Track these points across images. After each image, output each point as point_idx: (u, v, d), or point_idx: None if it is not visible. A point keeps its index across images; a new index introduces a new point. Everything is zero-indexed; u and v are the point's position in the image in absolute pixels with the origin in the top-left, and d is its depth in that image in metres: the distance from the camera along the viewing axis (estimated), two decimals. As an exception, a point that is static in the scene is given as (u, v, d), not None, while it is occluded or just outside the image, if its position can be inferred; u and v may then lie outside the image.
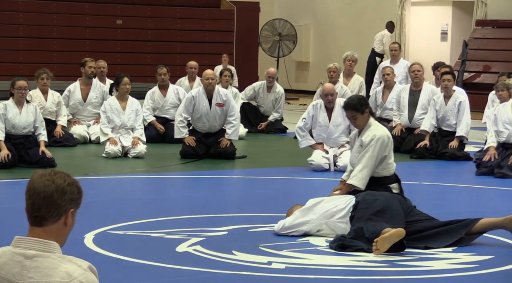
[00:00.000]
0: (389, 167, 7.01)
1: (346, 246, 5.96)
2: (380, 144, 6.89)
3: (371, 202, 6.26)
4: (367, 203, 6.26)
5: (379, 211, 6.16)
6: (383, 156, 6.94)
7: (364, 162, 6.89)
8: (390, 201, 6.27)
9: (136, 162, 10.42)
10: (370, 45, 20.39)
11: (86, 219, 6.36)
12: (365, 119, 6.97)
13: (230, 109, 10.76)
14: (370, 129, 6.97)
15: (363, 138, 6.94)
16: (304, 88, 21.90)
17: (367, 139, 6.90)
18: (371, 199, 6.32)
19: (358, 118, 6.96)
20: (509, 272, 5.59)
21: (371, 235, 5.93)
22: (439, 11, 20.85)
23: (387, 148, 6.95)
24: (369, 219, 6.12)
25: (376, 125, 7.03)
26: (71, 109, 12.31)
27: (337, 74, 12.70)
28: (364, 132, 6.97)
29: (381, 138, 6.90)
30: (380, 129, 7.01)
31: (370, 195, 6.44)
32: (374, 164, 6.90)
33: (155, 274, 5.39)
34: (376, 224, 6.03)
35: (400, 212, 6.21)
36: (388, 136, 6.99)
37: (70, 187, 2.68)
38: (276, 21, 21.35)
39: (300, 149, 10.24)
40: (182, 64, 15.22)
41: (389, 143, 6.98)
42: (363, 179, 6.86)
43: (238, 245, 6.03)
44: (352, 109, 6.98)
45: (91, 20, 19.79)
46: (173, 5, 20.78)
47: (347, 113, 7.10)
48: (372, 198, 6.31)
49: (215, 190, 8.80)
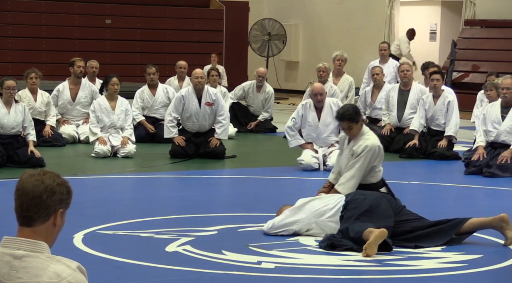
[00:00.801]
0: (377, 175, 6.98)
1: (336, 245, 5.96)
2: (371, 155, 6.84)
3: (360, 202, 6.27)
4: (356, 202, 6.27)
5: (366, 211, 6.17)
6: (372, 166, 6.92)
7: (353, 172, 6.84)
8: (379, 201, 6.28)
9: (126, 162, 10.40)
10: (360, 44, 20.43)
11: (75, 219, 6.35)
12: (359, 128, 6.94)
13: (220, 109, 10.76)
14: (362, 138, 6.90)
15: (355, 148, 6.87)
16: (293, 87, 21.91)
17: (359, 149, 6.84)
18: (360, 198, 6.32)
19: (354, 128, 6.90)
20: (497, 271, 5.61)
21: (356, 235, 5.94)
22: (428, 11, 20.91)
23: (377, 158, 6.90)
24: (357, 219, 6.13)
25: (369, 133, 6.98)
26: (60, 108, 12.28)
27: (327, 74, 12.71)
28: (356, 141, 6.92)
29: (372, 149, 6.84)
30: (372, 139, 6.94)
31: (359, 194, 6.44)
32: (363, 174, 6.87)
33: (145, 274, 5.38)
34: (360, 224, 6.05)
35: (389, 212, 6.22)
36: (379, 147, 6.93)
37: (59, 187, 2.67)
38: (266, 20, 21.36)
39: (289, 149, 10.25)
40: (172, 64, 15.21)
41: (380, 153, 6.92)
42: (351, 188, 6.83)
43: (227, 244, 6.03)
44: (348, 120, 6.88)
45: (80, 20, 19.74)
46: (163, 5, 20.75)
47: (342, 123, 6.97)
48: (361, 198, 6.32)
49: (204, 189, 8.79)
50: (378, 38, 18.55)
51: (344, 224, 6.13)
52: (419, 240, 6.13)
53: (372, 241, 5.79)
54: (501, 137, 9.70)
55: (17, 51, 18.87)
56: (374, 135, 7.07)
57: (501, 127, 9.70)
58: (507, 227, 6.17)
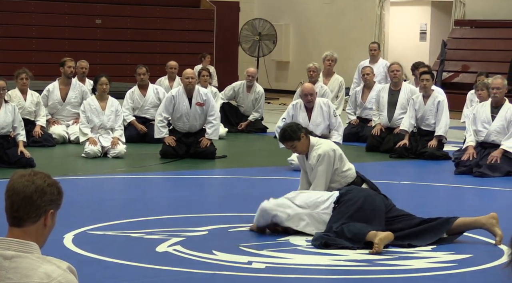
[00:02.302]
0: (348, 174, 6.91)
1: (330, 244, 5.97)
2: (327, 160, 6.78)
3: (354, 197, 6.26)
4: (350, 198, 6.26)
5: (361, 208, 6.17)
6: (334, 169, 6.86)
7: (316, 182, 6.82)
8: (373, 198, 6.28)
9: (116, 162, 10.39)
10: (350, 44, 20.45)
11: (66, 219, 6.33)
12: (305, 143, 6.81)
13: (210, 109, 10.76)
14: (314, 150, 6.82)
15: (310, 161, 6.81)
16: (284, 87, 21.92)
17: (313, 161, 6.78)
18: (355, 193, 6.31)
19: (297, 145, 6.80)
20: (487, 270, 5.63)
21: (354, 236, 5.95)
22: (418, 11, 20.95)
23: (335, 161, 6.83)
24: (350, 217, 6.13)
25: (318, 142, 6.87)
26: (50, 109, 12.25)
27: (317, 74, 12.73)
28: (310, 155, 6.84)
29: (325, 154, 6.78)
30: (323, 145, 6.87)
31: (354, 190, 6.42)
32: (326, 181, 6.81)
33: (135, 274, 5.38)
34: (357, 225, 6.04)
35: (382, 210, 6.23)
36: (332, 149, 6.85)
37: (50, 188, 2.67)
38: (256, 20, 21.36)
39: (280, 149, 10.25)
40: (162, 64, 15.20)
41: (336, 155, 6.84)
42: None
43: (218, 245, 6.03)
44: (289, 140, 6.79)
45: (70, 20, 19.70)
46: (153, 5, 20.72)
47: (285, 145, 6.88)
48: (355, 194, 6.30)
49: (195, 190, 8.79)
50: (369, 38, 18.58)
51: (338, 222, 6.12)
52: (411, 238, 6.15)
53: (382, 238, 5.85)
54: (491, 137, 9.73)
55: (7, 51, 18.81)
56: (325, 142, 6.98)
57: (491, 127, 9.73)
58: (497, 225, 6.20)
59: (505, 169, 9.54)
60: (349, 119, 12.73)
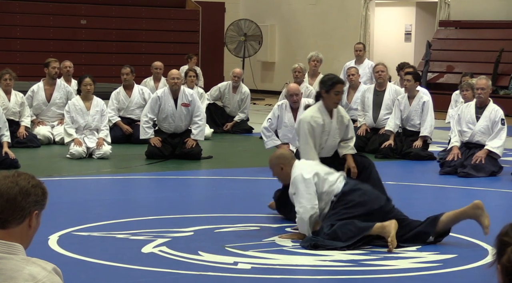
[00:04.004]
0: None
1: (319, 245, 5.97)
2: (301, 126, 7.17)
3: (354, 202, 6.19)
4: (351, 200, 6.20)
5: (358, 216, 6.14)
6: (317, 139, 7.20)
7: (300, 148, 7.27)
8: (374, 203, 6.22)
9: (101, 163, 10.36)
10: (335, 45, 20.49)
11: (50, 220, 6.31)
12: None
13: (196, 110, 10.75)
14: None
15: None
16: (269, 88, 21.94)
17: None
18: (355, 198, 6.21)
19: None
20: (472, 270, 5.66)
21: (348, 240, 5.97)
22: (403, 12, 21.03)
23: (311, 130, 7.15)
24: (346, 221, 6.11)
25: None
26: (34, 109, 12.20)
27: (303, 74, 12.74)
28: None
29: (301, 121, 7.26)
30: (304, 114, 7.29)
31: (357, 192, 6.26)
32: (307, 147, 7.15)
33: (121, 275, 5.37)
34: (357, 223, 6.03)
35: (380, 216, 6.17)
36: (308, 122, 7.16)
37: (34, 189, 2.66)
38: (242, 21, 21.36)
39: (265, 149, 10.25)
40: (147, 65, 15.16)
41: (309, 126, 7.14)
42: None
43: (204, 245, 6.02)
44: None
45: (55, 20, 19.63)
46: (138, 5, 20.68)
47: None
48: (356, 198, 6.21)
49: (180, 190, 8.78)
50: (354, 39, 18.63)
51: (331, 222, 6.11)
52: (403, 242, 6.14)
53: (393, 234, 5.88)
54: (475, 137, 9.78)
55: (-9, 51, 18.73)
56: (307, 111, 7.32)
57: (475, 127, 9.77)
58: (483, 214, 6.13)
59: (489, 169, 9.58)
60: (335, 120, 12.75)
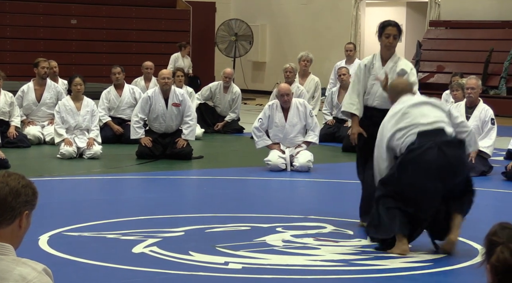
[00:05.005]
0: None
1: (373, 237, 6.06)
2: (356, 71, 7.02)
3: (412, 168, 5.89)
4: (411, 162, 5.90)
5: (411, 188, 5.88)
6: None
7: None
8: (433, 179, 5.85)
9: (92, 163, 10.34)
10: (326, 45, 20.51)
11: (41, 220, 6.30)
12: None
13: (187, 109, 10.75)
14: None
15: None
16: (260, 88, 21.94)
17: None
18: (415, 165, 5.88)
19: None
20: (462, 270, 5.67)
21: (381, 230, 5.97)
22: (393, 12, 21.05)
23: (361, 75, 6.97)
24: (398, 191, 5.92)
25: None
26: (25, 109, 12.17)
27: (293, 74, 12.75)
28: None
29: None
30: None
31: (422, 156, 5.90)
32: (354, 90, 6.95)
33: (111, 275, 5.36)
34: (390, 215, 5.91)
35: (434, 195, 5.87)
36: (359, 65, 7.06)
37: (25, 189, 2.65)
38: (232, 21, 21.36)
39: (256, 149, 10.26)
40: (138, 64, 15.14)
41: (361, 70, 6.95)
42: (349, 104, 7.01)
43: (194, 245, 6.02)
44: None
45: (45, 20, 19.58)
46: (129, 5, 20.65)
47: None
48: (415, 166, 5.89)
49: (171, 190, 8.77)
50: (345, 39, 18.64)
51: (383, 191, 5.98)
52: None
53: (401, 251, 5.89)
54: (465, 137, 9.80)
55: (-19, 51, 18.67)
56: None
57: (465, 127, 9.79)
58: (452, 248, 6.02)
59: (479, 169, 9.61)
60: (325, 120, 12.76)
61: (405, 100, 6.27)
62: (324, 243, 6.22)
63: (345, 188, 8.98)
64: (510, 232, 2.40)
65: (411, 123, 6.03)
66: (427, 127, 5.99)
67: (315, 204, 8.17)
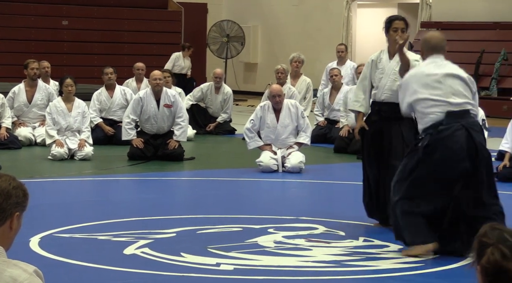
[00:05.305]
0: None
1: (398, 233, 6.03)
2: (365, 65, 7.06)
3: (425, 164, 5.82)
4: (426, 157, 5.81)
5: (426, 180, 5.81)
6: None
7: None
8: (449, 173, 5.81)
9: (83, 164, 10.32)
10: (318, 46, 20.53)
11: (32, 222, 6.29)
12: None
13: (178, 111, 10.74)
14: None
15: None
16: (252, 89, 21.94)
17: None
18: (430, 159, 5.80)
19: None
20: (453, 271, 5.68)
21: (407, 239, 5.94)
22: (385, 13, 21.02)
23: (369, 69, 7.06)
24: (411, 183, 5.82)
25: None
26: (16, 111, 12.14)
27: (285, 76, 12.76)
28: None
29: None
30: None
31: (438, 150, 5.83)
32: (361, 87, 6.95)
33: (103, 277, 5.35)
34: (414, 226, 5.85)
35: (450, 185, 5.81)
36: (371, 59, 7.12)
37: (15, 191, 2.65)
38: (224, 22, 21.36)
39: (248, 151, 10.26)
40: (130, 66, 15.12)
41: (370, 64, 7.04)
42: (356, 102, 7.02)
43: (186, 247, 6.02)
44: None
45: (36, 21, 19.55)
46: (120, 6, 20.64)
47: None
48: (431, 160, 5.80)
49: (163, 192, 8.76)
50: (336, 40, 18.66)
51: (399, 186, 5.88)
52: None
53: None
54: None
55: (-28, 52, 18.63)
56: None
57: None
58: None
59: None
60: (317, 121, 12.77)
61: (439, 63, 6.07)
62: (315, 244, 6.23)
63: (336, 189, 8.99)
64: (500, 233, 2.40)
65: (442, 99, 5.90)
66: (456, 108, 5.90)
67: (306, 205, 8.18)
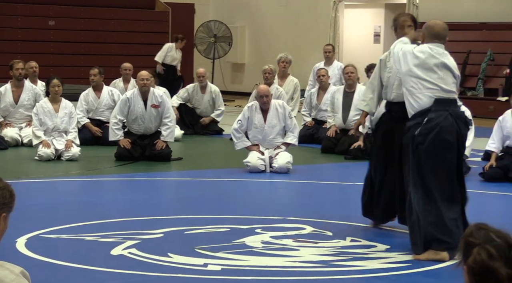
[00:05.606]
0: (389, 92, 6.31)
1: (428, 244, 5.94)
2: (378, 65, 7.04)
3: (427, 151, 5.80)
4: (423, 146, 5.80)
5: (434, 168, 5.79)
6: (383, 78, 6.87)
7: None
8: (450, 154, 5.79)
9: (70, 165, 10.30)
10: (305, 46, 20.55)
11: (18, 223, 6.26)
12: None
13: (166, 111, 10.72)
14: None
15: None
16: (239, 89, 21.94)
17: None
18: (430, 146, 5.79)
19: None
20: (441, 271, 5.70)
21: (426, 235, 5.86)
22: (372, 13, 21.14)
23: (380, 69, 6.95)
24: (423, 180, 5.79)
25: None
26: (2, 111, 12.10)
27: (273, 76, 12.77)
28: None
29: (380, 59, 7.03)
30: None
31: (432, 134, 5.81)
32: (374, 87, 6.85)
33: (90, 278, 5.34)
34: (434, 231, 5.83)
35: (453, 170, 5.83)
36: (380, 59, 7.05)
37: (2, 191, 2.64)
38: (211, 22, 21.34)
39: (236, 151, 10.26)
40: (117, 66, 15.09)
41: (380, 63, 6.99)
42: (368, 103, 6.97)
43: (174, 247, 6.01)
44: None
45: (23, 21, 19.47)
46: (107, 6, 20.59)
47: None
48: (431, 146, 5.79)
49: (150, 192, 8.75)
50: (323, 40, 18.69)
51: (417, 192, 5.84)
52: None
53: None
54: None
55: (-42, 52, 18.53)
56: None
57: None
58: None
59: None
60: (304, 121, 12.79)
61: (440, 51, 6.11)
62: (303, 244, 6.24)
63: (324, 189, 9.00)
64: (486, 233, 2.41)
65: (435, 83, 5.92)
66: (446, 94, 5.91)
67: (294, 205, 8.18)
